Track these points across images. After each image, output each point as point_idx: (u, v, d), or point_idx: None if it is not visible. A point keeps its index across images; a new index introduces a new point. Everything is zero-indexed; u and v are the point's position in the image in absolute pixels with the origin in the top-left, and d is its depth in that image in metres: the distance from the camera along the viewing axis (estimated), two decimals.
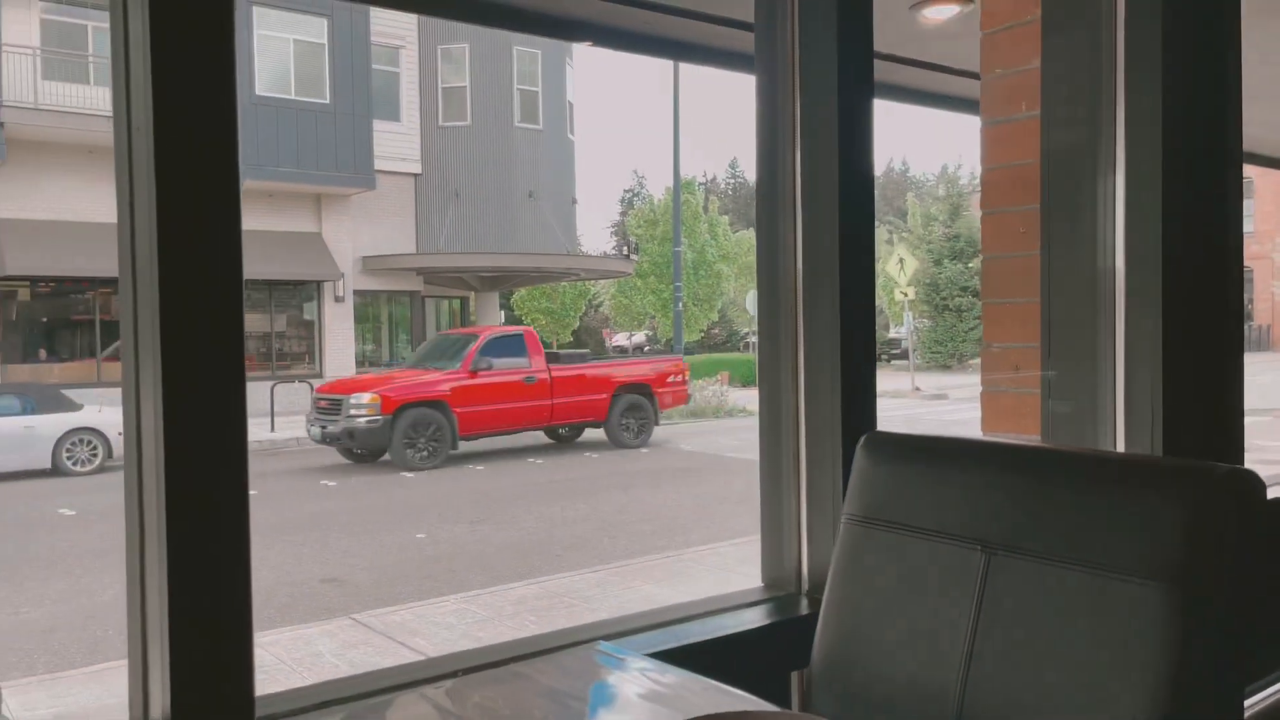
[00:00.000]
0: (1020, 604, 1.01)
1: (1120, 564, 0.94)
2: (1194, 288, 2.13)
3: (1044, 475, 1.06)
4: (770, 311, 1.70)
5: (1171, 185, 2.05)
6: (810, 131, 1.63)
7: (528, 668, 1.22)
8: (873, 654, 1.15)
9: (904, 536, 1.15)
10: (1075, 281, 2.19)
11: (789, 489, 1.67)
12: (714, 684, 1.12)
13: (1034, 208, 2.30)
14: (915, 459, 1.20)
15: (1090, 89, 2.14)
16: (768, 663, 1.53)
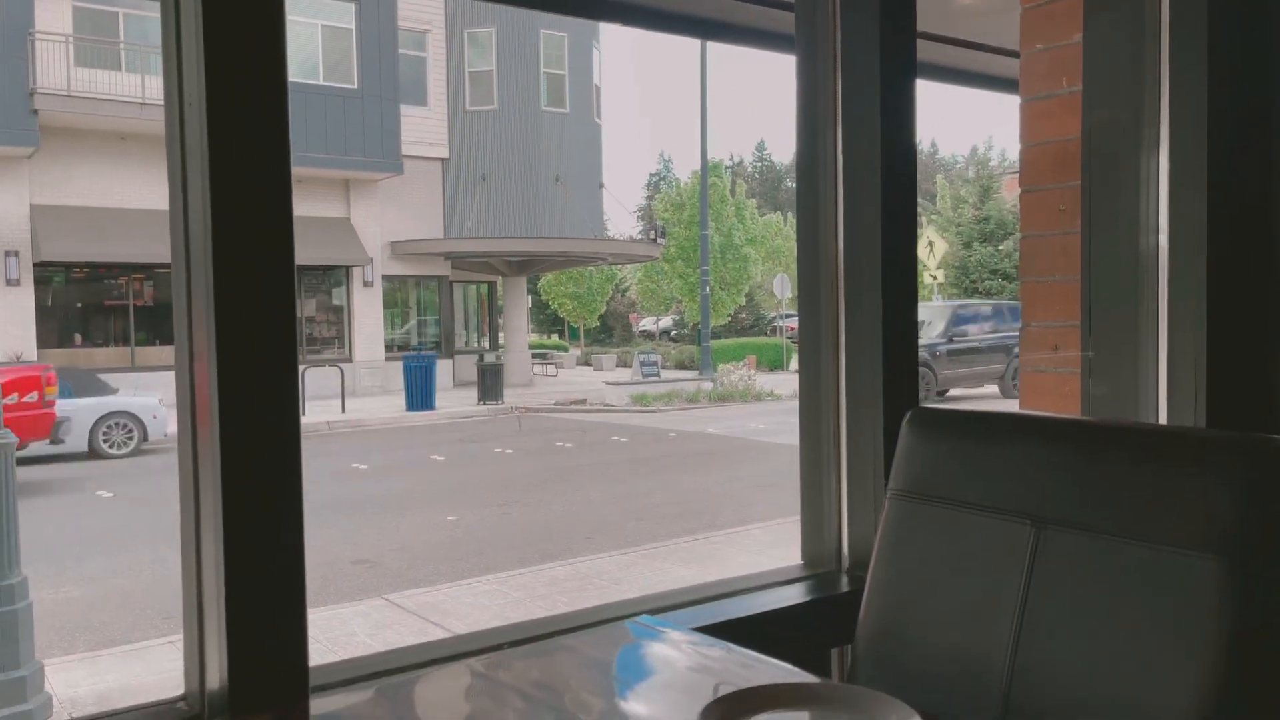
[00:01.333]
0: (1071, 577, 1.01)
1: (1173, 536, 0.94)
2: (1239, 268, 2.10)
3: (1094, 448, 1.05)
4: (811, 290, 1.70)
5: (1217, 162, 2.02)
6: (852, 111, 1.62)
7: (572, 640, 1.23)
8: (920, 628, 1.15)
9: (952, 511, 1.14)
10: (1117, 260, 2.16)
11: (829, 467, 1.67)
12: (758, 656, 1.12)
13: (1074, 185, 2.28)
14: (962, 434, 1.19)
15: (1133, 64, 2.11)
16: (808, 639, 1.53)
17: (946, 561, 1.14)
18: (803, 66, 1.66)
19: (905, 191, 1.62)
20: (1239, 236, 2.10)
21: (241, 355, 1.05)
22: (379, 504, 9.16)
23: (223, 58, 1.03)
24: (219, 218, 1.04)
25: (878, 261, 1.59)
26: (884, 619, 1.19)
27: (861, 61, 1.60)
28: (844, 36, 1.62)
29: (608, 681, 1.12)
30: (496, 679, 1.10)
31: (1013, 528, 1.07)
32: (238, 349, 1.04)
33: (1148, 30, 2.09)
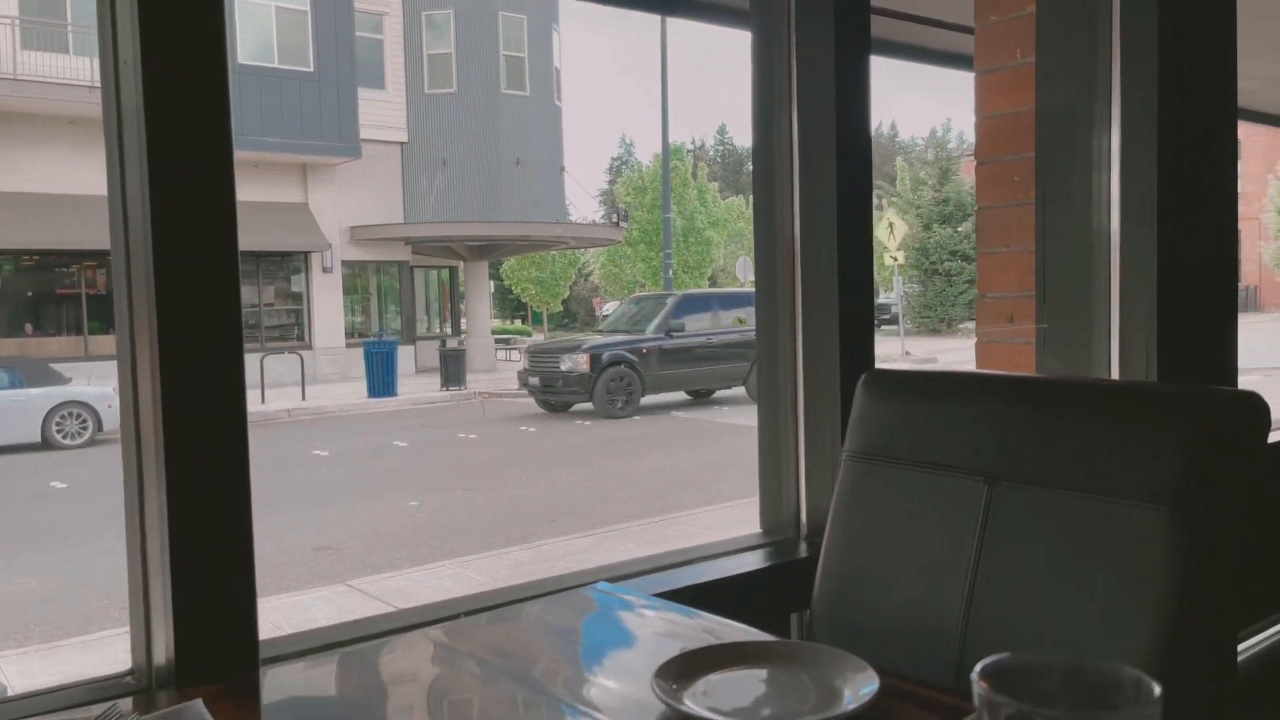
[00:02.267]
0: (1023, 531, 1.02)
1: (1124, 488, 0.95)
2: (1189, 243, 2.14)
3: (1046, 404, 1.06)
4: (768, 261, 1.70)
5: (1167, 139, 2.05)
6: (807, 87, 1.62)
7: (530, 607, 1.23)
8: (875, 588, 1.15)
9: (906, 471, 1.15)
10: (1070, 235, 2.18)
11: (787, 435, 1.67)
12: (718, 619, 1.12)
13: (1029, 157, 2.30)
14: (916, 394, 1.20)
15: (1086, 39, 2.13)
16: (767, 605, 1.54)
17: (901, 521, 1.15)
18: (758, 44, 1.66)
19: (860, 166, 1.62)
20: (1189, 211, 2.13)
21: (184, 337, 1.02)
22: (341, 490, 9.08)
23: (158, 29, 1.00)
24: (157, 198, 1.01)
25: (833, 232, 1.59)
26: (839, 581, 1.20)
27: (816, 39, 1.60)
28: (798, 13, 1.62)
29: (567, 646, 1.12)
30: (453, 647, 1.09)
31: (966, 485, 1.08)
32: (180, 331, 1.02)
33: (1099, 5, 2.11)
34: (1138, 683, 0.46)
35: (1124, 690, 0.47)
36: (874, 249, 7.07)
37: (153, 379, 1.01)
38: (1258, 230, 32.35)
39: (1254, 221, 32.39)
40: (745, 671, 0.91)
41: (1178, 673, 0.96)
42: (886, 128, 52.33)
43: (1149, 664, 0.94)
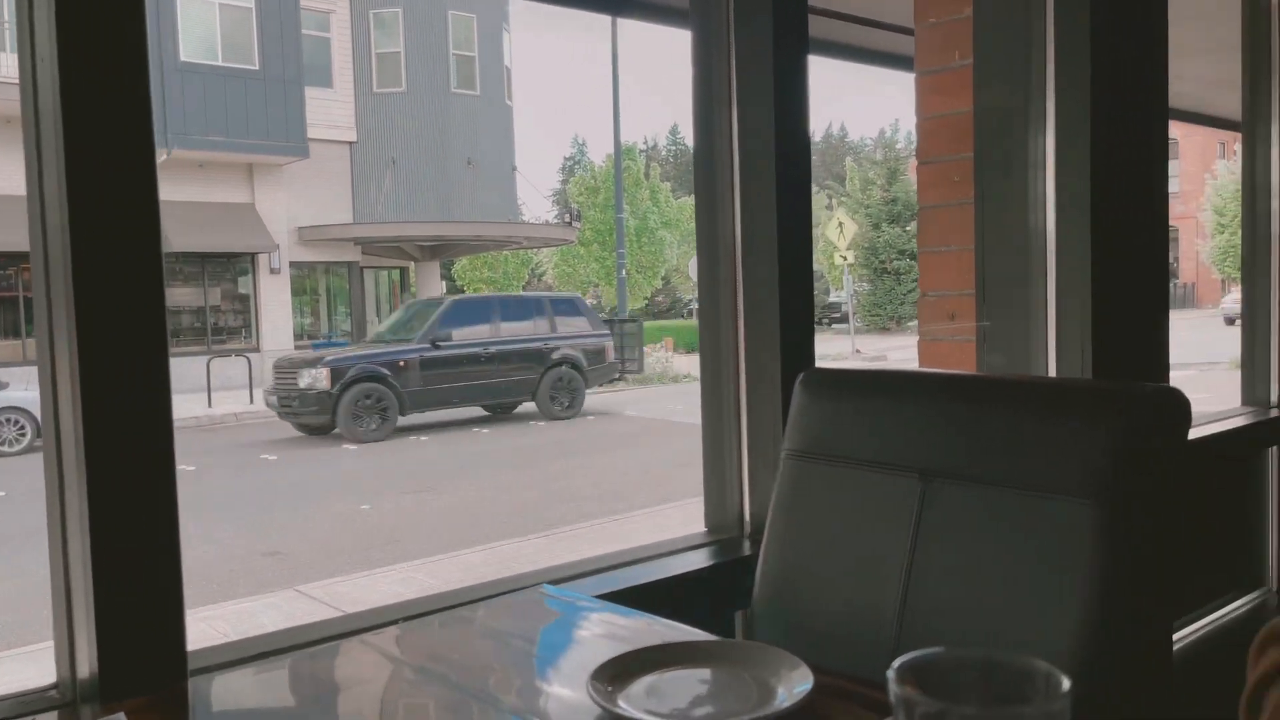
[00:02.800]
0: (956, 527, 1.03)
1: (1050, 483, 0.96)
2: (1122, 240, 2.18)
3: (977, 401, 1.08)
4: (710, 262, 1.70)
5: (1100, 140, 2.09)
6: (747, 88, 1.62)
7: (471, 612, 1.21)
8: (813, 585, 1.16)
9: (842, 469, 1.16)
10: (1008, 234, 2.22)
11: (730, 434, 1.68)
12: (659, 619, 1.12)
13: (968, 157, 2.33)
14: (852, 392, 1.21)
15: (1021, 43, 2.17)
16: (711, 604, 1.54)
17: (838, 519, 1.16)
18: (697, 43, 1.66)
19: (799, 165, 1.63)
20: (1122, 210, 2.18)
21: (104, 340, 0.99)
22: (290, 494, 8.95)
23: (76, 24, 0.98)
24: (75, 197, 0.98)
25: (773, 231, 1.60)
26: (779, 579, 1.20)
27: (754, 38, 1.60)
28: (737, 12, 1.62)
29: (506, 650, 1.11)
30: (388, 653, 1.08)
31: (901, 482, 1.09)
32: (100, 333, 0.99)
33: (1034, 9, 2.15)
34: (1049, 676, 0.47)
35: (1036, 684, 0.47)
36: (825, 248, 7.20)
37: (72, 382, 0.98)
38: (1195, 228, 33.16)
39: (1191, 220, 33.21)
40: (681, 672, 0.91)
41: (1108, 662, 0.98)
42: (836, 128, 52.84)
43: (1079, 654, 0.95)
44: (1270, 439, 2.82)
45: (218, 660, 1.11)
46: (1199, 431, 2.66)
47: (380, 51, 19.87)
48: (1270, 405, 2.86)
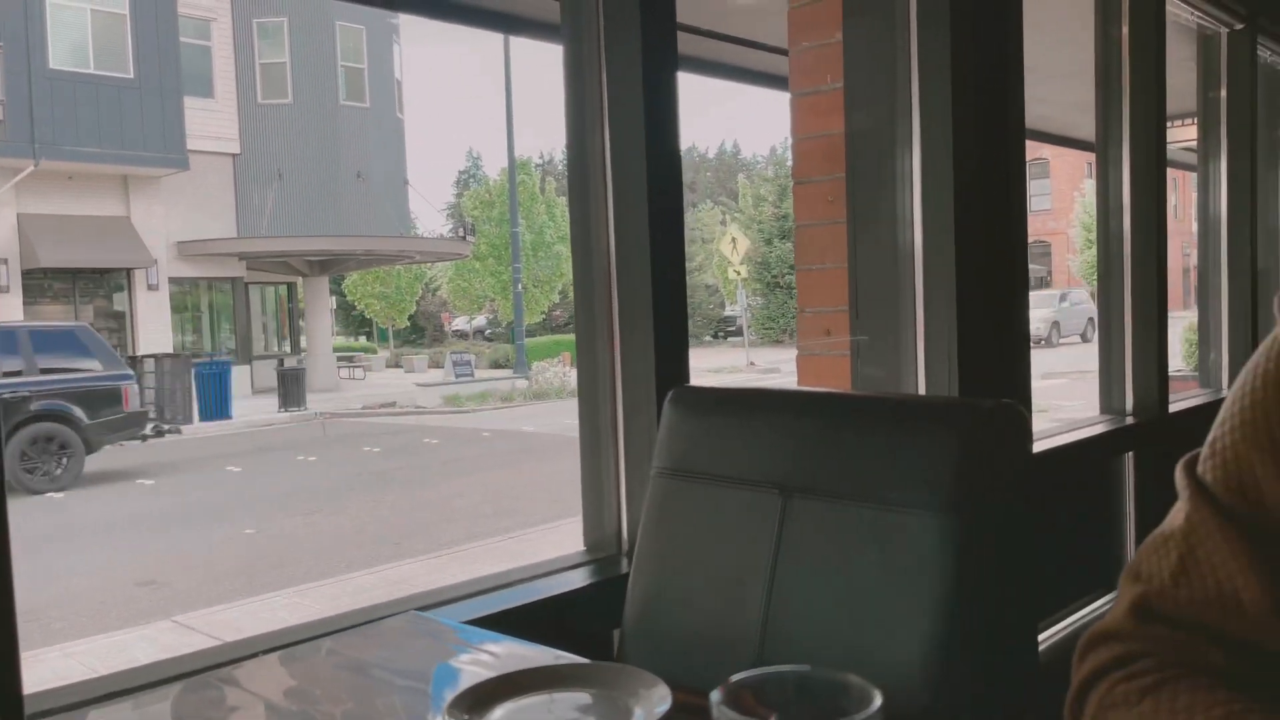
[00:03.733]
0: (814, 543, 1.06)
1: (901, 498, 1.00)
2: (984, 256, 2.28)
3: (833, 418, 1.11)
4: (585, 279, 1.70)
5: (962, 161, 2.18)
6: (618, 103, 1.64)
7: (333, 642, 1.18)
8: (680, 603, 1.17)
9: (708, 486, 1.17)
10: (879, 252, 2.30)
11: (607, 451, 1.68)
12: (526, 644, 1.11)
13: (841, 176, 2.40)
14: (719, 410, 1.22)
15: (887, 68, 2.25)
16: (589, 623, 1.54)
17: (704, 536, 1.17)
18: (569, 59, 1.67)
19: (671, 181, 1.65)
20: (983, 228, 2.27)
21: None
22: (167, 521, 8.58)
23: None
24: None
25: (646, 247, 1.61)
26: (647, 597, 1.21)
27: (624, 54, 1.61)
28: (607, 29, 1.64)
29: (365, 682, 1.08)
30: (244, 689, 1.04)
31: (763, 498, 1.11)
32: None
33: (899, 36, 2.23)
34: (862, 690, 0.48)
35: (851, 697, 0.49)
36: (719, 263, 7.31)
37: None
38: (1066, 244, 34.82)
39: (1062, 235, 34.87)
40: (539, 697, 0.90)
41: (964, 667, 1.01)
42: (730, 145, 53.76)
43: (932, 662, 0.99)
44: (1126, 445, 2.98)
45: (60, 703, 1.05)
46: (1062, 439, 2.79)
47: (265, 62, 19.34)
48: (1125, 413, 3.02)
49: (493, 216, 27.81)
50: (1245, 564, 0.64)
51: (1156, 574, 0.68)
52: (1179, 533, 0.68)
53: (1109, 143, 3.03)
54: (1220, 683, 0.62)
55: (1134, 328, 3.01)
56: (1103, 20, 3.00)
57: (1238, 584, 0.64)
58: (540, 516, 8.07)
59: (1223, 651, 0.64)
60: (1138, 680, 0.64)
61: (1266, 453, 0.65)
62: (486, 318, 35.37)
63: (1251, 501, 0.66)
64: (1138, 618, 0.68)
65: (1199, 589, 0.65)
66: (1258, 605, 0.63)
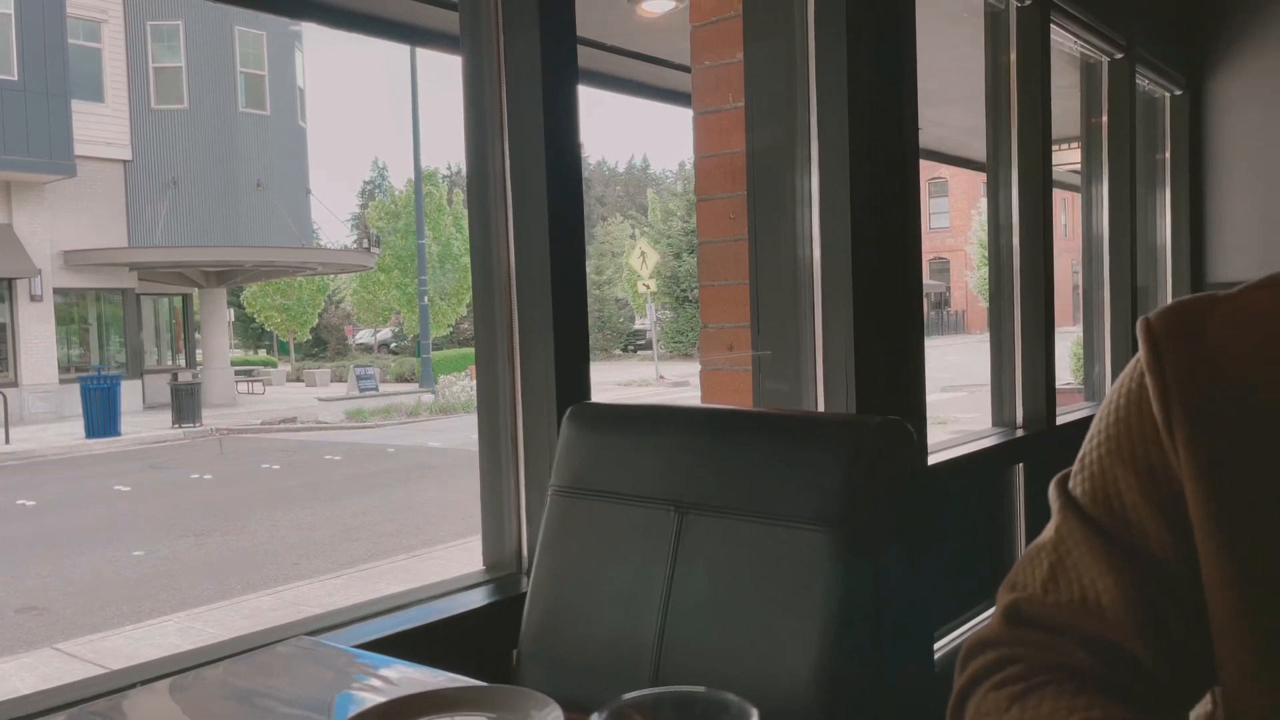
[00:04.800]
0: (708, 557, 1.06)
1: (791, 513, 1.01)
2: (880, 274, 2.34)
3: (727, 435, 1.12)
4: (485, 294, 1.69)
5: (858, 180, 2.23)
6: (518, 117, 1.63)
7: (217, 671, 1.14)
8: (578, 621, 1.16)
9: (606, 503, 1.17)
10: (779, 267, 2.33)
11: (508, 469, 1.66)
12: (419, 667, 1.09)
13: (742, 194, 2.43)
14: (616, 426, 1.22)
15: (787, 89, 2.29)
16: (487, 644, 1.51)
17: (601, 553, 1.17)
18: (468, 70, 1.65)
19: (571, 195, 1.64)
20: (879, 246, 2.33)
21: None
22: (50, 543, 8.17)
23: None
24: None
25: (546, 263, 1.60)
26: (544, 616, 1.19)
27: (524, 68, 1.61)
28: (506, 41, 1.63)
29: (249, 711, 1.04)
30: None
31: (659, 515, 1.11)
32: None
33: (797, 58, 2.28)
34: (740, 708, 0.49)
35: (730, 715, 0.49)
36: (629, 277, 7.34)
37: None
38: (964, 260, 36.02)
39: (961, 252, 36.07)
40: None
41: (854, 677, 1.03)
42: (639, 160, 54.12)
43: (823, 672, 1.00)
44: (1016, 456, 3.09)
45: None
46: (956, 451, 2.87)
47: (159, 66, 18.70)
48: (1016, 426, 3.13)
49: (398, 228, 27.38)
50: (1105, 570, 0.68)
51: (1030, 582, 0.72)
52: (1049, 544, 0.72)
53: (999, 164, 3.14)
54: (1084, 685, 0.66)
55: (1023, 343, 3.12)
56: (992, 49, 3.12)
57: (1099, 588, 0.68)
58: (445, 535, 7.95)
59: (1086, 652, 0.68)
60: (1007, 688, 0.67)
61: (1129, 467, 0.69)
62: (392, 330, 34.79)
63: (1115, 513, 0.70)
64: (1010, 622, 0.71)
65: (1065, 594, 0.69)
66: (1116, 608, 0.68)
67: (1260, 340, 0.67)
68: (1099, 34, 3.57)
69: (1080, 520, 0.71)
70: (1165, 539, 0.68)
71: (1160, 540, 0.68)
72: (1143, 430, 0.70)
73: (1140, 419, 0.70)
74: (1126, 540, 0.69)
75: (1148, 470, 0.69)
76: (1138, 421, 0.70)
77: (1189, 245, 4.54)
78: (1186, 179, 4.53)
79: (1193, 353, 0.68)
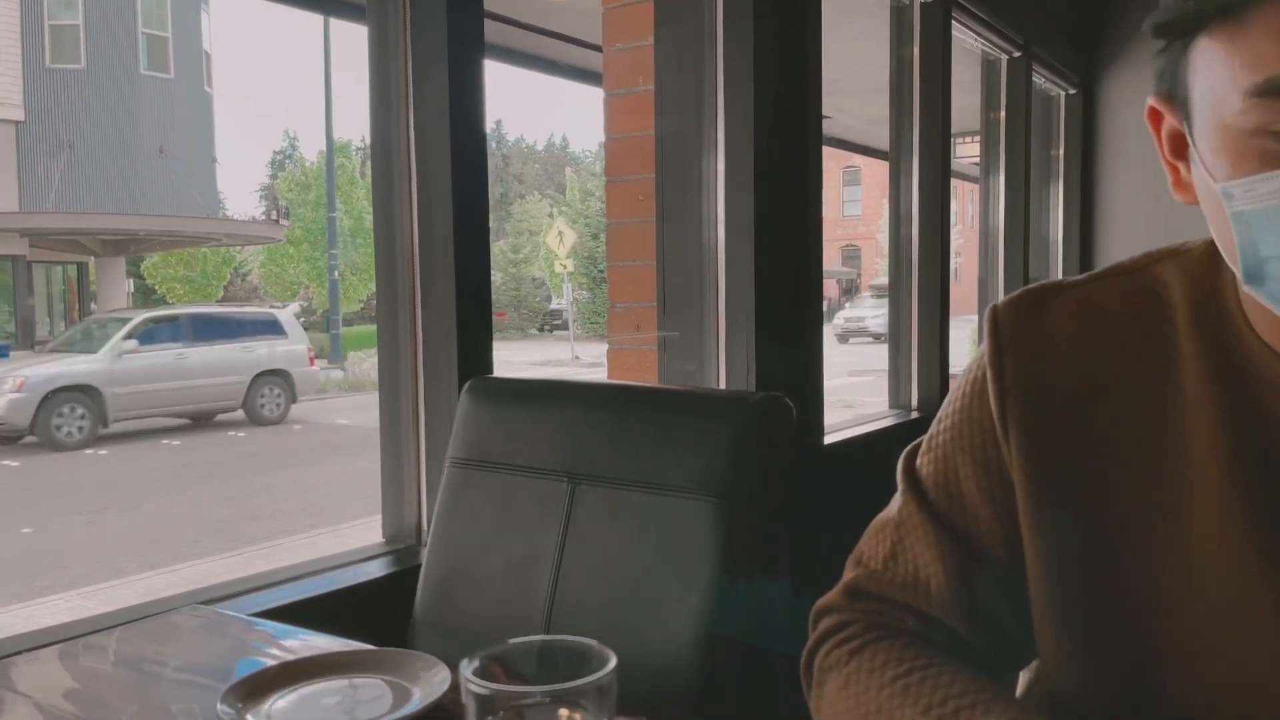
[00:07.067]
0: (598, 527, 1.10)
1: (679, 484, 1.05)
2: (782, 256, 2.40)
3: (619, 408, 1.15)
4: (387, 266, 1.69)
5: (762, 166, 2.29)
6: (423, 89, 1.63)
7: (105, 639, 1.13)
8: (471, 589, 1.19)
9: (502, 475, 1.20)
10: (685, 251, 2.38)
11: (408, 442, 1.67)
12: (315, 635, 1.10)
13: (651, 176, 2.47)
14: (514, 400, 1.25)
15: (695, 74, 2.33)
16: (385, 613, 1.52)
17: (496, 523, 1.19)
18: (374, 41, 1.65)
19: (476, 170, 1.65)
20: (781, 228, 2.40)
21: None
22: None
23: None
24: None
25: (450, 238, 1.61)
26: (439, 585, 1.22)
27: (430, 40, 1.61)
28: (413, 12, 1.63)
29: (139, 678, 1.04)
30: (14, 689, 0.98)
31: (552, 485, 1.14)
32: None
33: (706, 43, 2.32)
34: (600, 654, 0.52)
35: (590, 662, 0.52)
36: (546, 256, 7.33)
37: None
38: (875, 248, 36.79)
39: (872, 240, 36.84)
40: (318, 685, 0.90)
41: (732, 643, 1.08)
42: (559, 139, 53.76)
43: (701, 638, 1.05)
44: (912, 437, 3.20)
45: None
46: (852, 431, 2.97)
47: (54, 23, 17.84)
48: (911, 409, 3.25)
49: (309, 200, 26.71)
50: (936, 556, 0.74)
51: (873, 558, 0.77)
52: (893, 522, 0.78)
53: (900, 154, 3.24)
54: (913, 641, 0.71)
55: (920, 329, 3.24)
56: (897, 42, 3.21)
57: (929, 573, 0.74)
58: (350, 513, 7.84)
59: (915, 620, 0.74)
60: (847, 645, 0.73)
61: (967, 455, 0.74)
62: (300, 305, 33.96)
63: (953, 499, 0.75)
64: (850, 596, 0.77)
65: (901, 573, 0.75)
66: (942, 593, 0.74)
67: (1092, 334, 0.70)
68: (998, 32, 3.70)
69: (920, 504, 0.76)
70: (994, 528, 0.73)
71: (990, 529, 0.73)
72: (982, 422, 0.73)
73: (980, 409, 0.74)
74: (960, 528, 0.74)
75: (983, 460, 0.73)
76: (978, 412, 0.74)
77: (1079, 237, 4.75)
78: (1078, 174, 4.73)
79: (1030, 346, 0.71)
